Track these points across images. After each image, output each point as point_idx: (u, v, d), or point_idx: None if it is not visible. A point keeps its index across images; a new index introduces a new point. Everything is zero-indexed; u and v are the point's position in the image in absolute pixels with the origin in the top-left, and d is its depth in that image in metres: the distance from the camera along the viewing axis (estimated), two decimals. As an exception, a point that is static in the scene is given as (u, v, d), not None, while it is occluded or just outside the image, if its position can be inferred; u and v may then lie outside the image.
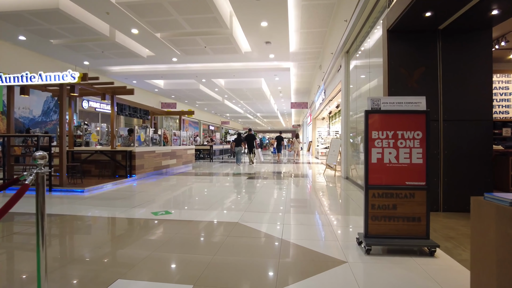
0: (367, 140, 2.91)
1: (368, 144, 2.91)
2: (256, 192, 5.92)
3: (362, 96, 6.77)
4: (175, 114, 12.22)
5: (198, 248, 2.88)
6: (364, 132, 2.92)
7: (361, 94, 6.74)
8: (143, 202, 4.95)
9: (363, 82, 6.67)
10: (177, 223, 3.74)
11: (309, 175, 8.88)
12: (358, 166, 7.24)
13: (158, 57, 11.71)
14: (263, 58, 11.73)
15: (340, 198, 5.60)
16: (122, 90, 7.51)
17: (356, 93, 7.21)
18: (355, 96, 7.27)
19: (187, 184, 7.07)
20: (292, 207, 4.68)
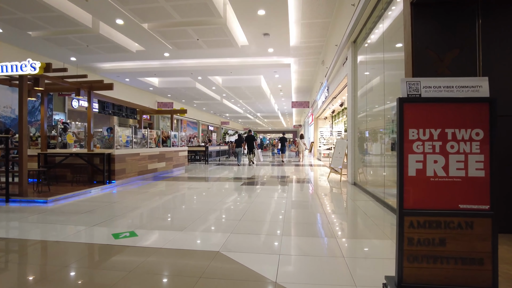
0: (402, 143, 1.95)
1: (403, 148, 1.95)
2: (250, 203, 4.96)
3: (374, 90, 5.80)
4: (166, 113, 11.30)
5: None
6: (398, 130, 1.96)
7: (373, 87, 5.77)
8: (110, 218, 4.01)
9: (375, 74, 5.70)
10: (136, 253, 2.79)
11: (312, 180, 7.91)
12: (367, 170, 6.27)
13: (149, 52, 10.79)
14: (262, 52, 10.78)
15: (350, 212, 4.63)
16: (100, 85, 6.58)
17: (365, 87, 6.24)
18: (365, 91, 6.30)
19: (171, 192, 6.13)
20: (293, 226, 3.71)
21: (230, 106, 22.20)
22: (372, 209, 4.56)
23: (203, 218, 3.99)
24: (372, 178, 6.17)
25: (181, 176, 8.59)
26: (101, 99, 7.77)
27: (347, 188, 6.56)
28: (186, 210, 4.52)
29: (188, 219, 3.95)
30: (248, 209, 4.49)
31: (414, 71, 3.50)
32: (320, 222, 3.83)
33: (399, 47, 4.70)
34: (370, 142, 6.13)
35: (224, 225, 3.69)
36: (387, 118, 5.39)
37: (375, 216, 4.14)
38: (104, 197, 5.50)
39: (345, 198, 5.52)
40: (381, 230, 3.50)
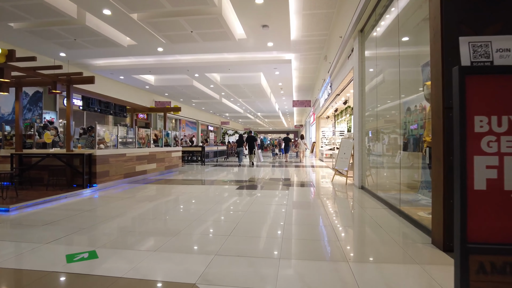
0: (464, 138, 1.24)
1: (465, 146, 1.24)
2: (244, 212, 4.24)
3: (386, 82, 5.09)
4: (159, 111, 10.61)
5: None
6: (456, 119, 1.25)
7: (385, 80, 5.06)
8: (75, 231, 3.31)
9: (387, 64, 4.99)
10: (85, 285, 2.08)
11: (315, 183, 7.18)
12: (378, 172, 5.55)
13: (141, 47, 10.11)
14: (261, 47, 10.08)
15: (362, 224, 3.90)
16: (80, 78, 5.90)
17: (375, 80, 5.52)
18: (375, 84, 5.58)
19: (157, 198, 5.42)
20: (294, 244, 3.00)
21: (230, 105, 21.52)
22: (387, 220, 3.84)
23: (185, 232, 3.29)
24: (383, 181, 5.45)
25: (173, 179, 7.89)
26: (86, 95, 7.08)
27: (354, 193, 5.83)
28: (168, 221, 3.81)
29: (168, 233, 3.25)
30: (241, 220, 3.77)
31: (445, 50, 2.78)
32: (327, 239, 3.12)
33: (421, 27, 3.99)
34: (381, 141, 5.42)
35: (209, 243, 2.98)
36: (403, 114, 4.68)
37: (392, 230, 3.43)
38: (79, 204, 4.80)
39: (354, 206, 4.80)
40: (403, 249, 2.79)
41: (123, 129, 6.99)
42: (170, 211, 4.32)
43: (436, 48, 2.88)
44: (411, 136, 4.90)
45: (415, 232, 3.34)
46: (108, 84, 14.02)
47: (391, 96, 5.56)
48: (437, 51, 2.86)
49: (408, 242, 3.01)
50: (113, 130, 6.61)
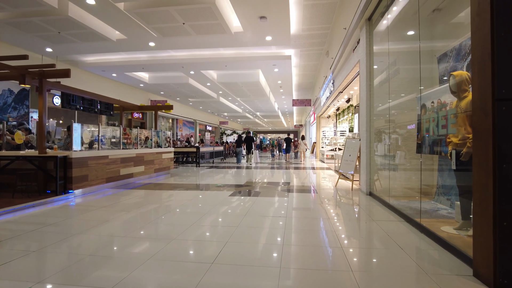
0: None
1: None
2: (234, 228, 3.54)
3: (398, 75, 4.40)
4: (149, 109, 9.90)
5: None
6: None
7: (400, 71, 4.37)
8: (21, 255, 2.62)
9: (401, 55, 4.30)
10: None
11: (317, 189, 6.48)
12: (387, 176, 4.85)
13: (132, 41, 9.40)
14: (259, 41, 9.37)
15: (378, 245, 3.20)
16: (53, 71, 5.20)
17: (387, 73, 4.82)
18: (385, 78, 4.88)
19: (136, 207, 4.72)
20: (294, 276, 2.30)
21: (228, 104, 20.82)
22: (407, 238, 3.15)
23: (158, 258, 2.59)
24: (395, 187, 4.75)
25: (162, 183, 7.19)
26: (66, 91, 6.38)
27: (362, 201, 5.13)
28: (140, 241, 3.11)
29: (136, 260, 2.55)
30: (229, 239, 3.07)
31: (495, 27, 2.08)
32: (337, 268, 2.42)
33: (442, 11, 3.31)
34: (392, 142, 4.72)
35: (185, 275, 2.28)
36: (418, 112, 3.99)
37: (416, 253, 2.73)
38: (45, 215, 4.10)
39: (364, 218, 4.10)
40: (437, 285, 2.09)
41: (106, 128, 6.29)
42: (147, 226, 3.62)
43: (481, 22, 2.17)
44: (428, 135, 4.20)
45: (446, 256, 2.64)
46: (100, 82, 13.32)
47: (404, 91, 4.87)
48: (483, 26, 2.16)
49: (441, 273, 2.32)
50: (93, 129, 5.91)
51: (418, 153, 4.86)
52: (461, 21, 3.83)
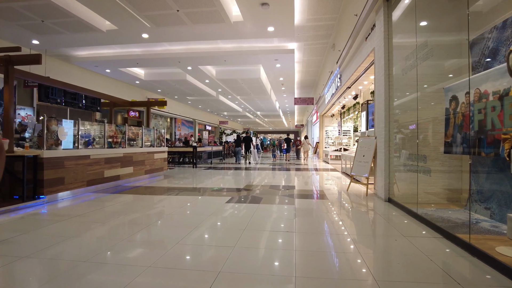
0: None
1: None
2: (230, 250, 2.76)
3: (424, 62, 3.63)
4: (141, 105, 9.12)
5: None
6: None
7: (423, 59, 3.59)
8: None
9: (435, 34, 3.52)
10: None
11: (327, 194, 5.70)
12: (419, 179, 4.07)
13: (123, 32, 8.62)
14: (260, 32, 8.59)
15: (422, 276, 2.40)
16: (20, 57, 4.41)
17: (411, 60, 4.03)
18: (409, 65, 4.10)
19: (115, 216, 3.93)
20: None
21: (228, 103, 20.05)
22: (459, 266, 2.37)
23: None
24: (423, 186, 3.97)
25: (152, 186, 6.41)
26: (44, 82, 5.59)
27: (381, 208, 4.35)
28: (100, 270, 2.32)
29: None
30: (223, 268, 2.29)
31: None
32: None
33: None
34: (423, 139, 3.94)
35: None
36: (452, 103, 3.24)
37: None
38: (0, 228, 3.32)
39: (391, 232, 3.31)
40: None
41: (87, 124, 5.51)
42: (117, 246, 2.83)
43: None
44: (464, 132, 3.42)
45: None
46: (93, 79, 12.52)
47: (431, 80, 4.09)
48: None
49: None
50: (71, 125, 5.13)
51: (446, 153, 4.09)
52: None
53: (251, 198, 5.02)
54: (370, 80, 7.98)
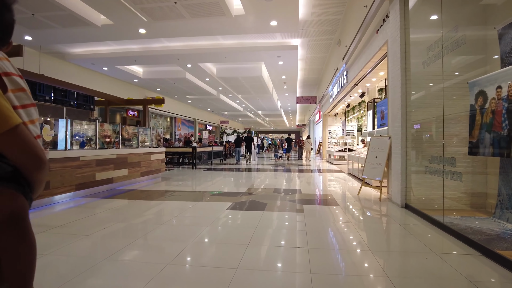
0: None
1: None
2: (233, 272, 2.31)
3: (448, 54, 3.16)
4: (138, 104, 8.67)
5: None
6: None
7: (447, 50, 3.12)
8: None
9: (452, 26, 3.06)
10: None
11: (336, 199, 5.23)
12: (442, 184, 3.62)
13: (119, 28, 8.18)
14: (262, 27, 8.12)
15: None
16: None
17: (428, 53, 3.56)
18: (432, 57, 3.63)
19: (100, 226, 3.47)
20: None
21: (228, 102, 19.59)
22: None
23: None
24: (447, 197, 3.51)
25: (148, 189, 5.95)
26: (30, 78, 5.14)
27: (399, 216, 3.89)
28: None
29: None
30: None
31: None
32: None
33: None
34: (449, 137, 3.48)
35: None
36: (479, 98, 2.77)
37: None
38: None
39: (418, 247, 2.84)
40: None
41: (78, 123, 5.06)
42: (103, 264, 2.37)
43: None
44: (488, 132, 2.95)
45: None
46: (90, 77, 12.06)
47: (455, 73, 3.63)
48: None
49: None
50: (60, 124, 4.68)
51: (472, 154, 3.62)
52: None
53: (254, 204, 4.56)
54: (379, 77, 7.51)
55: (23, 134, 0.74)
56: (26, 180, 0.77)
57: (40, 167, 0.79)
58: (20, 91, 0.88)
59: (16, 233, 0.71)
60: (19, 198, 0.74)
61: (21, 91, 0.89)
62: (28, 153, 0.75)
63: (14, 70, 0.91)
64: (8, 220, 0.69)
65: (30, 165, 0.77)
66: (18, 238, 0.71)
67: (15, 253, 0.70)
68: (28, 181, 0.78)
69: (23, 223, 0.74)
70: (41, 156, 0.79)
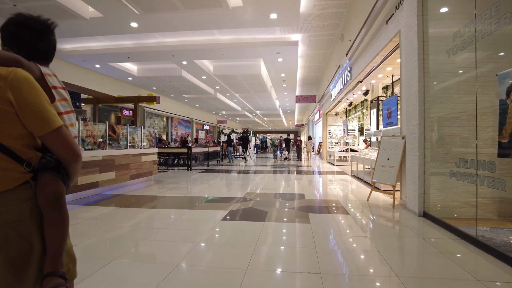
0: None
1: None
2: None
3: (479, 39, 2.64)
4: (128, 101, 8.10)
5: None
6: None
7: (476, 34, 2.60)
8: None
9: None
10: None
11: (344, 205, 4.70)
12: (475, 190, 3.12)
13: (109, 20, 7.61)
14: (261, 20, 7.58)
15: None
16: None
17: (464, 38, 3.04)
18: (461, 43, 3.10)
19: (74, 241, 2.93)
20: None
21: (226, 101, 19.04)
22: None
23: None
24: (464, 202, 2.99)
25: (137, 194, 5.40)
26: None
27: (417, 226, 3.37)
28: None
29: None
30: None
31: None
32: None
33: None
34: (482, 138, 2.96)
35: None
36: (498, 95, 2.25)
37: None
38: None
39: (454, 271, 2.32)
40: None
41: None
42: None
43: None
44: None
45: None
46: (82, 75, 11.45)
47: (483, 64, 3.11)
48: None
49: None
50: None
51: (502, 156, 3.11)
52: None
53: (253, 213, 4.03)
54: (386, 72, 7.01)
55: (64, 134, 0.95)
56: (65, 170, 0.99)
57: (76, 160, 1.00)
58: (64, 101, 1.09)
59: (57, 210, 0.95)
60: (60, 183, 0.97)
61: (65, 101, 1.10)
62: (68, 149, 0.96)
63: (59, 84, 1.10)
64: (52, 199, 0.94)
65: (69, 158, 0.98)
66: (58, 214, 0.95)
67: (55, 225, 0.95)
68: (67, 171, 1.00)
69: (62, 203, 0.97)
70: (77, 152, 1.00)
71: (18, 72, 0.88)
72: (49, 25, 1.08)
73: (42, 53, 1.07)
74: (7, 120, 0.85)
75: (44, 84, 1.02)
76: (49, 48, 1.09)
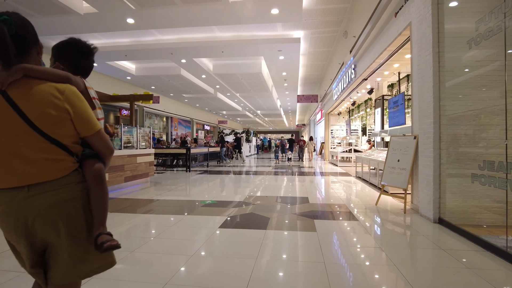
0: None
1: None
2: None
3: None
4: (123, 100, 7.78)
5: None
6: None
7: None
8: None
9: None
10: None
11: (351, 210, 4.37)
12: (505, 196, 2.78)
13: (105, 16, 7.31)
14: (262, 15, 7.25)
15: None
16: None
17: (491, 24, 2.71)
18: (486, 31, 2.77)
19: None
20: None
21: (226, 101, 18.72)
22: None
23: None
24: (480, 206, 2.65)
25: (131, 197, 5.08)
26: None
27: (433, 234, 3.04)
28: None
29: None
30: None
31: None
32: None
33: None
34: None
35: None
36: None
37: None
38: None
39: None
40: None
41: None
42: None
43: None
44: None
45: None
46: (77, 73, 11.14)
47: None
48: None
49: None
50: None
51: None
52: None
53: (253, 219, 3.71)
54: (392, 69, 6.68)
55: (102, 134, 1.19)
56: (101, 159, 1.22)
57: (111, 154, 1.26)
58: (99, 109, 1.34)
59: (101, 184, 1.17)
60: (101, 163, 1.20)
61: (100, 109, 1.35)
62: (105, 146, 1.20)
63: (95, 95, 1.34)
64: (98, 175, 1.16)
65: (106, 152, 1.22)
66: (102, 188, 1.17)
67: (100, 197, 1.16)
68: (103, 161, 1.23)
69: (104, 178, 1.19)
70: (112, 148, 1.25)
71: (70, 87, 1.11)
72: (91, 48, 1.35)
73: (84, 69, 1.33)
74: (65, 124, 1.07)
75: (87, 95, 1.26)
76: (89, 65, 1.35)
